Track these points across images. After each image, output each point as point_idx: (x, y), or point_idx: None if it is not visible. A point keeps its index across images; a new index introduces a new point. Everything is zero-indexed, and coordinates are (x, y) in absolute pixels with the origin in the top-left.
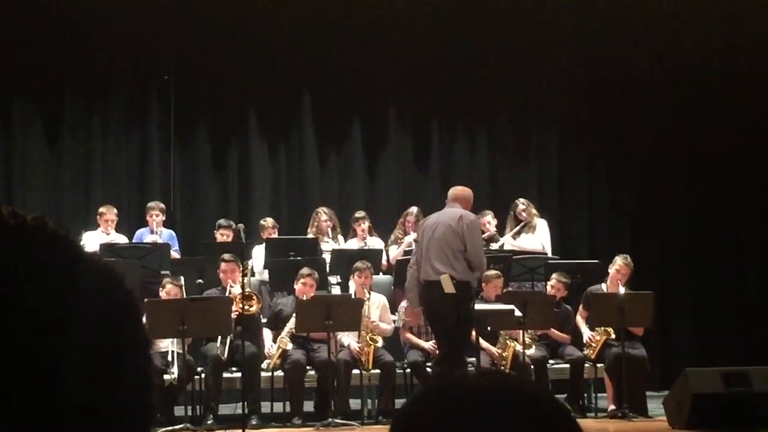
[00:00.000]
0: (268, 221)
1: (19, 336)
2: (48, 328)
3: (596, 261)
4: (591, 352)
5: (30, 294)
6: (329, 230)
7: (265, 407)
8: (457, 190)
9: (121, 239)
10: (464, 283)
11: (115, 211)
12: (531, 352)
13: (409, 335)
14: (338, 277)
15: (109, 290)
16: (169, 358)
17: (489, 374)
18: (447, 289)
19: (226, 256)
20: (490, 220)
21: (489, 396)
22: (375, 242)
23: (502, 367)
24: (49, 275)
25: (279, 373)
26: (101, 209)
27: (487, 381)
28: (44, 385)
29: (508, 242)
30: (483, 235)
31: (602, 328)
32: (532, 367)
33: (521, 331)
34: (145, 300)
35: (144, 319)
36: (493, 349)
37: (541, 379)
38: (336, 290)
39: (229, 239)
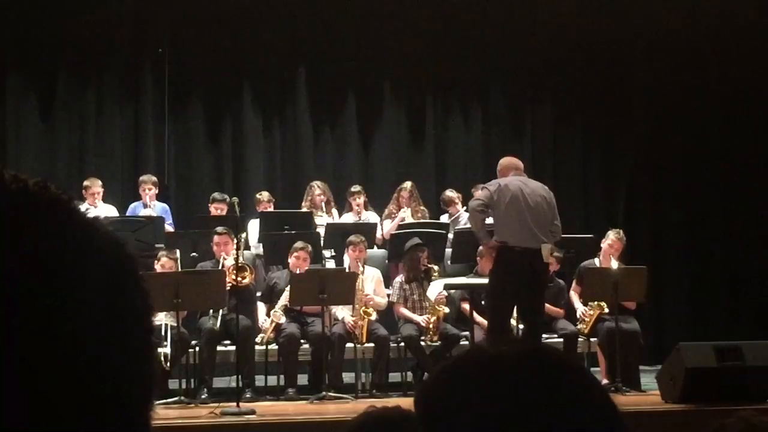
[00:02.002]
0: (264, 195)
1: (20, 302)
2: (50, 294)
3: (590, 235)
4: (584, 326)
5: (32, 259)
6: (323, 204)
7: (259, 380)
8: (515, 160)
9: (109, 210)
10: (552, 252)
11: (101, 183)
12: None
13: (403, 309)
14: (332, 250)
15: (112, 256)
16: (163, 331)
17: (516, 343)
18: (546, 258)
19: (220, 228)
20: None
21: (516, 362)
22: (370, 216)
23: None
24: (52, 240)
25: (273, 346)
26: (86, 183)
27: (516, 349)
28: (46, 352)
29: None
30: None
31: (595, 303)
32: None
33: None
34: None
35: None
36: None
37: None
38: (330, 264)
39: (224, 213)
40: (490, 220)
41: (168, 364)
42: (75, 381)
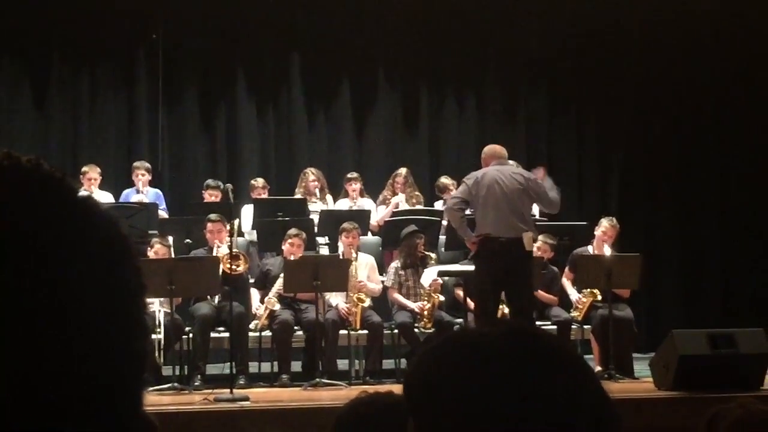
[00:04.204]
0: (259, 181)
1: (14, 277)
2: (44, 270)
3: (584, 223)
4: (578, 314)
5: (25, 235)
6: (317, 191)
7: (253, 367)
8: (498, 149)
9: (106, 197)
10: (534, 240)
11: (99, 170)
12: None
13: (397, 296)
14: (326, 237)
15: (105, 234)
16: (157, 318)
17: (508, 325)
18: (528, 246)
19: (213, 216)
20: None
21: (495, 342)
22: (365, 204)
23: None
24: (45, 217)
25: (267, 333)
26: (84, 168)
27: (497, 330)
28: (39, 329)
29: None
30: None
31: (589, 290)
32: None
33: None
34: None
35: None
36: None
37: None
38: (324, 251)
39: (217, 199)
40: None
41: (161, 352)
42: (67, 358)
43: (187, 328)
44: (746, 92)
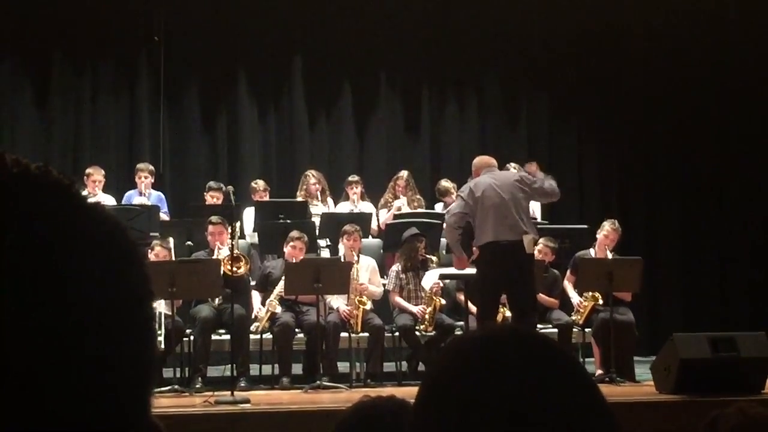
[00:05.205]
0: (260, 184)
1: (24, 285)
2: (53, 277)
3: (585, 226)
4: (579, 317)
5: (34, 242)
6: (318, 193)
7: (254, 369)
8: (488, 159)
9: (109, 200)
10: (535, 242)
11: (103, 172)
12: None
13: (398, 299)
14: (327, 240)
15: (113, 240)
16: (157, 320)
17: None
18: (529, 249)
19: (214, 218)
20: None
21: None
22: (365, 207)
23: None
24: (54, 223)
25: (268, 335)
26: (88, 170)
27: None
28: (46, 335)
29: None
30: None
31: (590, 294)
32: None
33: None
34: None
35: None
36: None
37: None
38: (325, 253)
39: (219, 201)
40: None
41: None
42: (75, 364)
43: (188, 331)
44: (747, 96)
